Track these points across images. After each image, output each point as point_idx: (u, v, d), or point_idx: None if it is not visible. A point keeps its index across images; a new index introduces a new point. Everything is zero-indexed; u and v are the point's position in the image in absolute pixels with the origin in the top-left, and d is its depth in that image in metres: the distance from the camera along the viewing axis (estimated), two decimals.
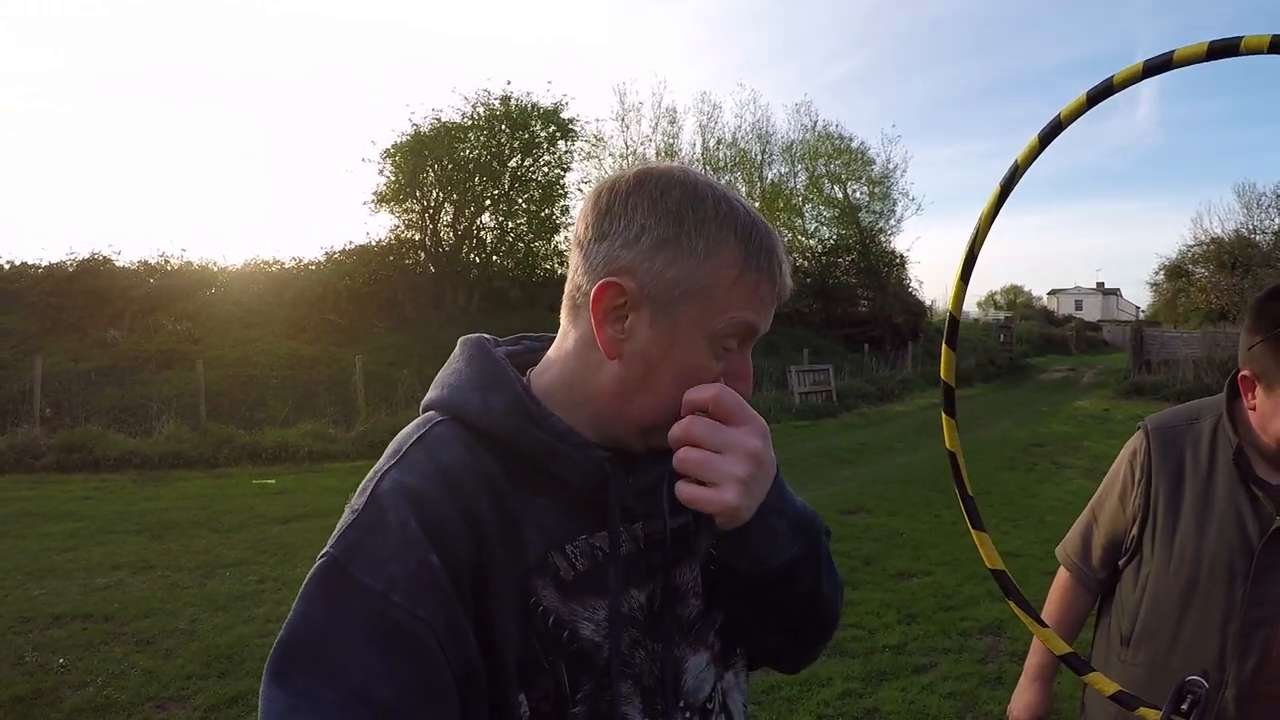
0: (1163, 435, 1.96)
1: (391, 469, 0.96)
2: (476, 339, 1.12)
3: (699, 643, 1.10)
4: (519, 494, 0.98)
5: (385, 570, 0.87)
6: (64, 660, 5.03)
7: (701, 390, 0.97)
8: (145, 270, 20.63)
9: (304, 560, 7.16)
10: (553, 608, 0.97)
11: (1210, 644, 1.80)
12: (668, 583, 1.08)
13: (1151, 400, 22.57)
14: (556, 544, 0.99)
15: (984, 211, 1.47)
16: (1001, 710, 4.55)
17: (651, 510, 1.08)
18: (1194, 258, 34.33)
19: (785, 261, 1.04)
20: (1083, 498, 2.21)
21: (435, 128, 24.76)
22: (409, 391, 15.82)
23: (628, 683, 1.01)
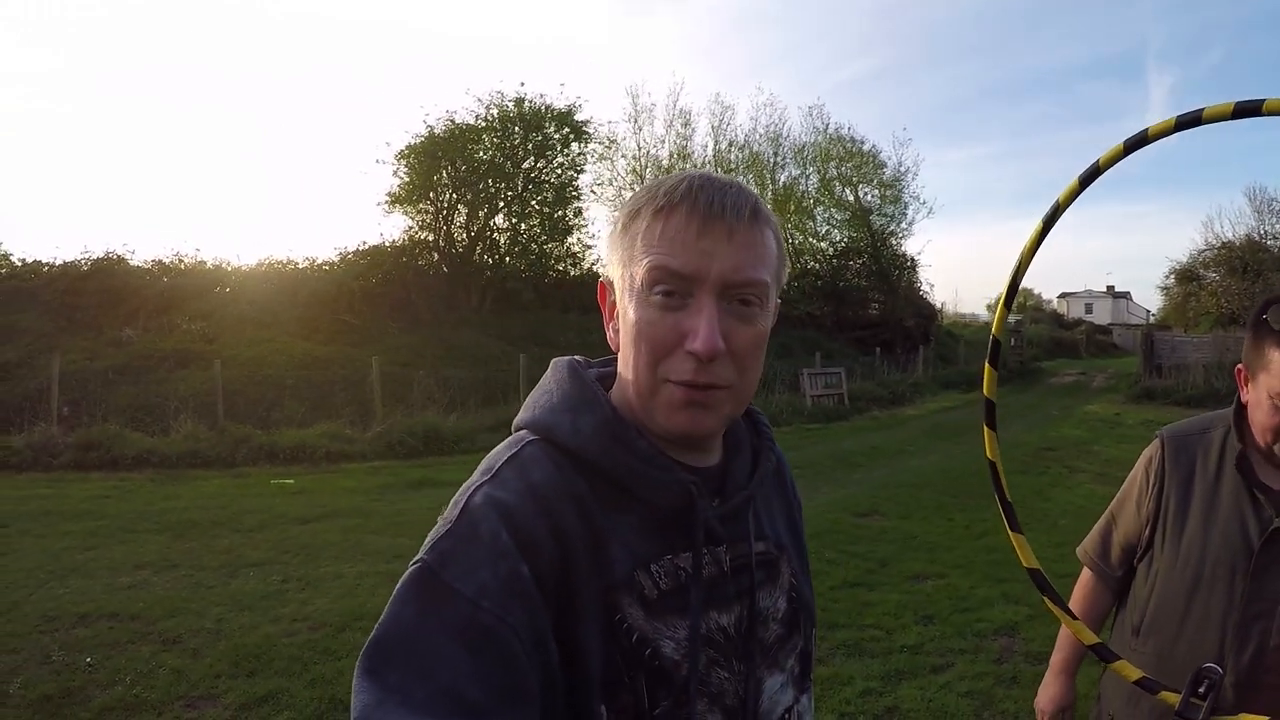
0: (1176, 443, 2.11)
1: (484, 484, 1.00)
2: (568, 361, 1.16)
3: (775, 665, 1.15)
4: (606, 513, 1.01)
5: (476, 577, 0.91)
6: (91, 659, 5.06)
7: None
8: (159, 269, 20.70)
9: (327, 560, 7.25)
10: (637, 625, 1.00)
11: (1212, 636, 1.93)
12: (753, 606, 1.11)
13: (1162, 405, 22.53)
14: (642, 563, 1.02)
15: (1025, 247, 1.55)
16: (1017, 708, 4.64)
17: (737, 535, 1.12)
18: (1205, 262, 34.21)
19: (714, 191, 1.01)
20: (1095, 501, 2.31)
21: (449, 129, 24.88)
22: (425, 392, 15.88)
23: (704, 701, 1.04)
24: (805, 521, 1.36)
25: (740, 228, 1.01)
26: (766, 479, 1.20)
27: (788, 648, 1.17)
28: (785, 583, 1.19)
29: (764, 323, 1.05)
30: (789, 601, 1.18)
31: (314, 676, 4.87)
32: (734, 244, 1.00)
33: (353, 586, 6.54)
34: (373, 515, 9.23)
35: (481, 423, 15.26)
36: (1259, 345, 1.90)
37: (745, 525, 1.13)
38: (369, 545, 7.87)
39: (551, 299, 25.46)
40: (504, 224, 26.31)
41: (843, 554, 7.75)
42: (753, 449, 1.21)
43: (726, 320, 1.00)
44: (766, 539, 1.18)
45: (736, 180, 1.06)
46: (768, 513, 1.22)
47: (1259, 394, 1.91)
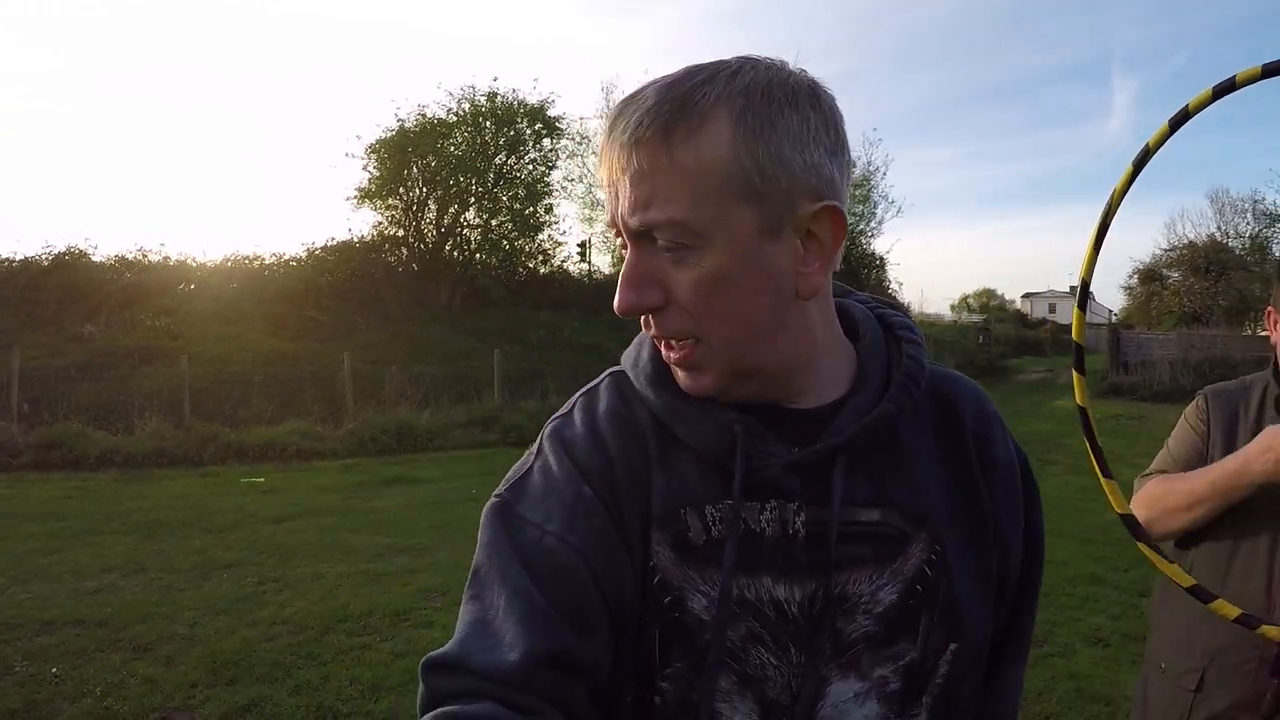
0: (1219, 396, 2.22)
1: (558, 419, 1.02)
2: None
3: (853, 669, 0.90)
4: (666, 447, 0.95)
5: (543, 506, 0.92)
6: (58, 669, 4.78)
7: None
8: (122, 265, 20.28)
9: (304, 561, 7.04)
10: (662, 567, 0.90)
11: (1259, 575, 1.99)
12: (828, 586, 0.90)
13: (1130, 400, 22.85)
14: (695, 502, 0.92)
15: (1117, 188, 1.61)
16: (1025, 690, 4.56)
17: (820, 494, 0.91)
18: (1167, 262, 34.75)
19: (624, 107, 0.86)
20: (1070, 491, 2.26)
21: (420, 123, 24.62)
22: (397, 389, 15.68)
23: (733, 679, 0.88)
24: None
25: (635, 152, 0.83)
26: (907, 425, 0.97)
27: (883, 654, 0.91)
28: (910, 569, 0.92)
29: (712, 261, 0.84)
30: (906, 595, 0.92)
31: (298, 683, 4.65)
32: (630, 177, 0.84)
33: (333, 587, 6.32)
34: (349, 513, 9.02)
35: (455, 419, 15.05)
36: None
37: (831, 482, 0.90)
38: (347, 544, 7.66)
39: (522, 296, 25.28)
40: (475, 220, 26.07)
41: None
42: (888, 383, 0.98)
43: (657, 265, 0.86)
44: (891, 506, 0.93)
45: (692, 67, 0.87)
46: (907, 471, 0.96)
47: None
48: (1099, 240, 1.63)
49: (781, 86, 0.86)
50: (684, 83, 0.84)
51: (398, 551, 7.48)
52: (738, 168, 0.83)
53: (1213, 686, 2.04)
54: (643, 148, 0.82)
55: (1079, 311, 1.68)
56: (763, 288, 0.87)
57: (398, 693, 4.57)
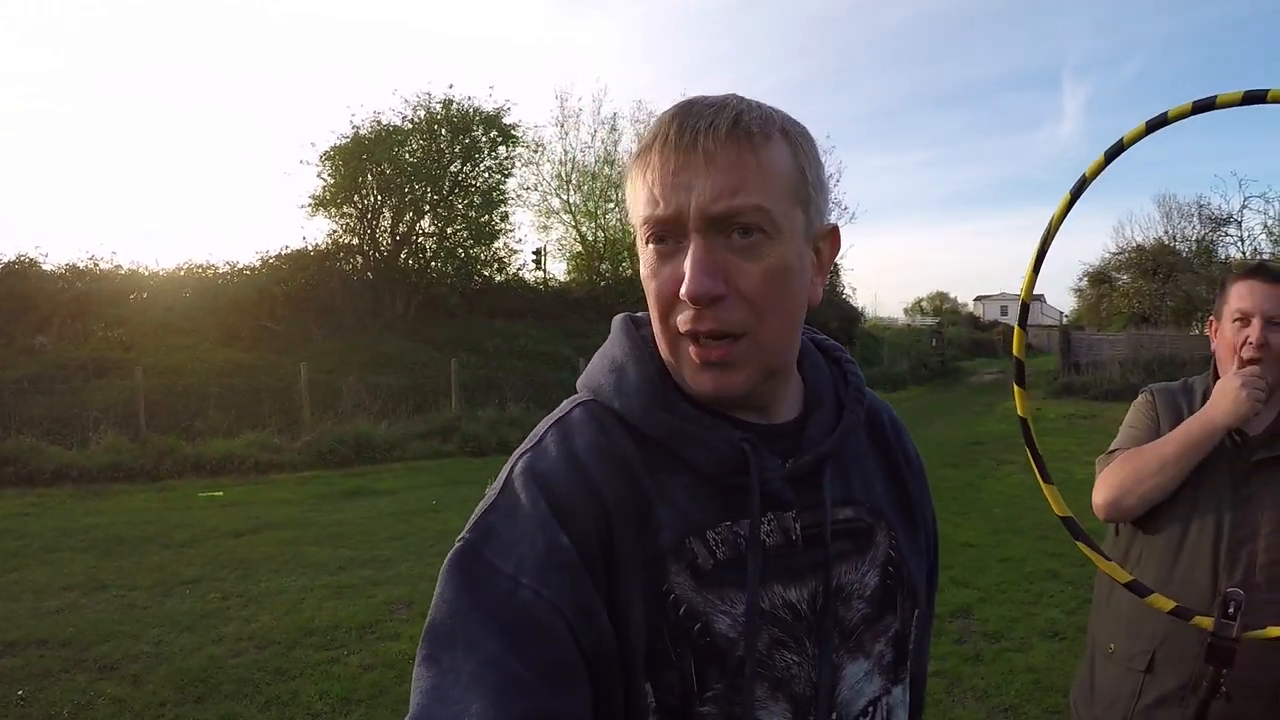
0: (1164, 395, 2.41)
1: (527, 453, 0.97)
2: (623, 318, 1.09)
3: (859, 650, 1.02)
4: (657, 475, 0.96)
5: (516, 552, 0.89)
6: (23, 692, 4.74)
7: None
8: (74, 274, 19.84)
9: (267, 575, 7.02)
10: (686, 597, 0.92)
11: (1204, 562, 2.17)
12: (828, 581, 1.00)
13: (1081, 399, 23.32)
14: (697, 529, 0.94)
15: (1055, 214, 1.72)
16: (985, 684, 4.85)
17: (811, 500, 1.00)
18: (1117, 265, 35.37)
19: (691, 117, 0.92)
20: (1024, 491, 2.42)
21: (375, 130, 24.40)
22: (354, 399, 15.59)
23: (765, 685, 0.94)
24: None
25: (719, 149, 0.90)
26: (854, 435, 1.08)
27: (877, 630, 1.04)
28: (880, 555, 1.06)
29: (779, 253, 0.92)
30: (883, 577, 1.05)
31: (267, 699, 4.67)
32: (713, 169, 0.89)
33: (297, 601, 6.32)
34: (309, 526, 8.98)
35: (413, 430, 14.99)
36: (1222, 289, 2.31)
37: (821, 489, 1.01)
38: (309, 557, 7.65)
39: (478, 304, 25.17)
40: (430, 228, 25.93)
41: None
42: (838, 400, 1.10)
43: (725, 257, 0.90)
44: (857, 504, 1.06)
45: (734, 95, 0.96)
46: (861, 474, 1.09)
47: (1224, 325, 2.27)
48: (1038, 264, 1.74)
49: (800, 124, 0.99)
50: (732, 105, 0.93)
51: (361, 564, 7.47)
52: (800, 177, 0.95)
53: (1162, 668, 2.18)
54: (730, 144, 0.90)
55: (1019, 330, 1.79)
56: (803, 288, 0.98)
57: (367, 705, 4.60)
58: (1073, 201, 1.69)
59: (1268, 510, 2.15)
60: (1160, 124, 1.61)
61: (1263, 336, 2.18)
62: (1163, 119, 1.60)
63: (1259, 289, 2.21)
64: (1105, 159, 1.66)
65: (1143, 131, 1.63)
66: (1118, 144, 1.65)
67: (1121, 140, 1.64)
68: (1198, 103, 1.55)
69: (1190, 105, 1.56)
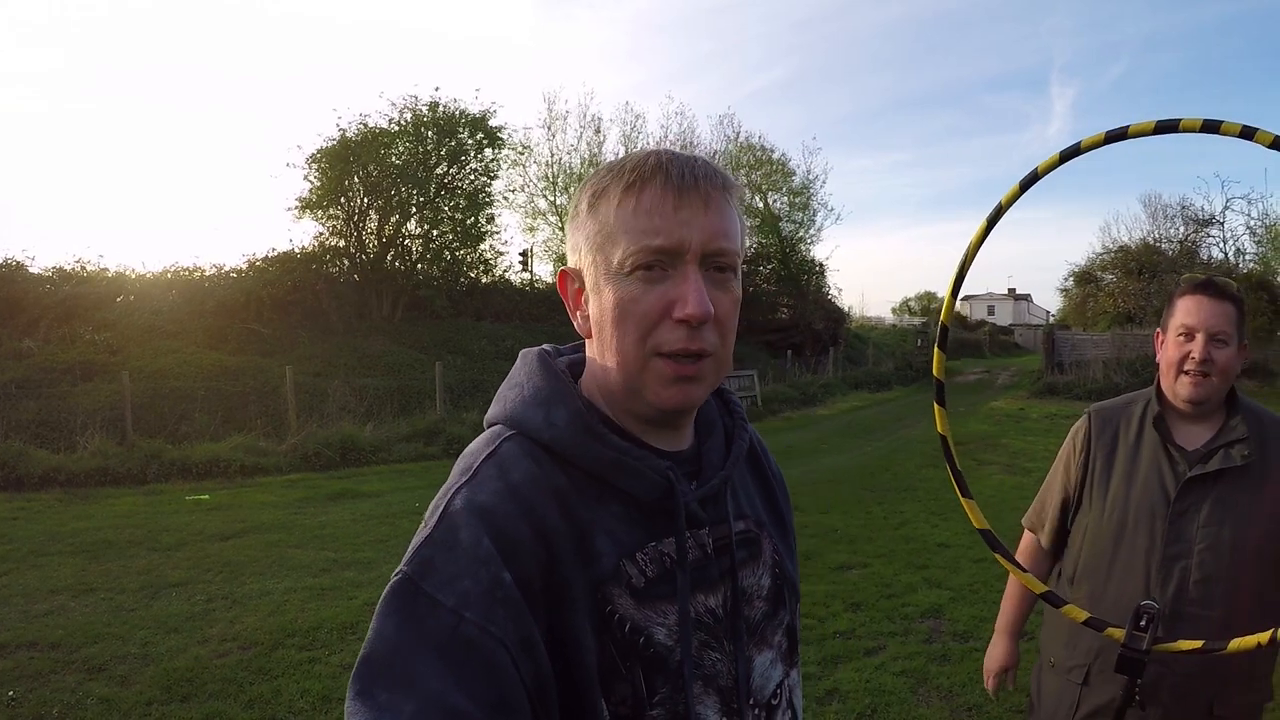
0: (1102, 415, 2.46)
1: (463, 487, 0.99)
2: (538, 353, 1.15)
3: (764, 642, 1.16)
4: (589, 505, 1.02)
5: (458, 586, 0.91)
6: (14, 693, 4.84)
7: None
8: (60, 277, 19.77)
9: (251, 577, 7.12)
10: (628, 615, 1.01)
11: (1137, 576, 2.24)
12: (735, 586, 1.12)
13: (1064, 399, 23.44)
14: (627, 552, 1.02)
15: (971, 242, 1.81)
16: (951, 683, 4.91)
17: (717, 516, 1.13)
18: (1102, 264, 35.55)
19: (683, 163, 1.04)
20: (1004, 491, 2.54)
21: (362, 133, 24.45)
22: (340, 402, 15.63)
23: (699, 684, 1.05)
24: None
25: (715, 196, 1.03)
26: (741, 458, 1.21)
27: (774, 624, 1.19)
28: (768, 559, 1.20)
29: (738, 289, 1.07)
30: (773, 578, 1.20)
31: (250, 698, 4.78)
32: (710, 213, 1.02)
33: (281, 603, 6.43)
34: (294, 529, 9.07)
35: (398, 432, 15.08)
36: (1170, 303, 2.32)
37: (724, 506, 1.15)
38: (293, 560, 7.74)
39: (464, 306, 25.24)
40: (416, 230, 25.99)
41: None
42: (725, 429, 1.23)
43: (707, 288, 1.02)
44: (746, 518, 1.20)
45: (694, 157, 1.09)
46: (745, 491, 1.24)
47: (1169, 338, 2.30)
48: (956, 288, 1.84)
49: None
50: (704, 159, 1.08)
51: (344, 565, 7.58)
52: (744, 231, 1.11)
53: (1096, 680, 2.28)
54: (716, 194, 1.04)
55: (939, 351, 1.87)
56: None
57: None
58: (989, 228, 1.79)
59: (1202, 526, 2.19)
60: (1073, 154, 1.71)
61: (1206, 352, 2.21)
62: (1075, 149, 1.70)
63: (1205, 305, 2.23)
64: (1020, 188, 1.75)
65: (1056, 161, 1.72)
66: (1032, 173, 1.74)
67: (1036, 170, 1.74)
68: (1110, 133, 1.65)
69: (1103, 135, 1.66)
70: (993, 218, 1.78)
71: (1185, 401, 2.26)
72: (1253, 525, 2.18)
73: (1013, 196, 1.75)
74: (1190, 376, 2.24)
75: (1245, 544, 2.17)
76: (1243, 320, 2.28)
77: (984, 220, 1.78)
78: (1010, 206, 1.77)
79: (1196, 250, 33.41)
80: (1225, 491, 2.20)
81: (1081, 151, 1.69)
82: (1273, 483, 2.21)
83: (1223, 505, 2.20)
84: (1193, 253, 33.46)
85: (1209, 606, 2.15)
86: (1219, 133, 1.54)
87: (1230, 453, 2.22)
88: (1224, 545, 2.17)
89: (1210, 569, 2.16)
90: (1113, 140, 1.65)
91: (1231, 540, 2.17)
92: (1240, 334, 2.26)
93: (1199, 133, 1.57)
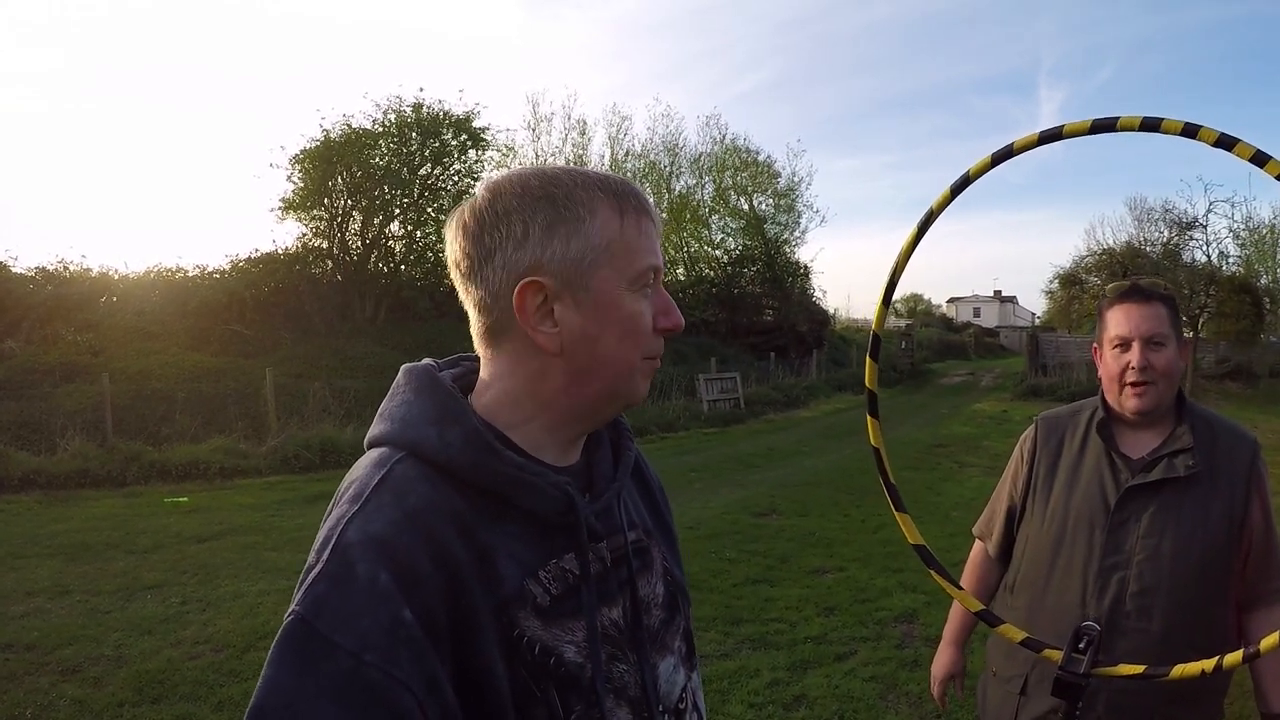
0: (1048, 424, 2.43)
1: (355, 516, 0.94)
2: (424, 368, 1.12)
3: (665, 649, 1.18)
4: (488, 526, 0.99)
5: (356, 627, 0.86)
6: None
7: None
8: (44, 277, 19.69)
9: (226, 580, 7.13)
10: (537, 636, 0.99)
11: (1074, 586, 2.19)
12: (635, 596, 1.14)
13: (1048, 401, 23.50)
14: (530, 571, 1.01)
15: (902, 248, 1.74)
16: (920, 689, 4.87)
17: (612, 528, 1.14)
18: (1087, 267, 35.66)
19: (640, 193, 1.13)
20: (985, 493, 2.57)
21: (346, 134, 24.35)
22: (320, 404, 15.58)
23: (611, 697, 1.05)
24: (704, 522, 1.43)
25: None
26: (629, 469, 1.23)
27: (672, 630, 1.21)
28: (659, 567, 1.23)
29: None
30: (666, 585, 1.22)
31: (220, 699, 4.80)
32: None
33: (254, 605, 6.43)
34: (271, 531, 9.06)
35: None
36: (1101, 315, 2.27)
37: (617, 518, 1.16)
38: (268, 562, 7.74)
39: (447, 308, 25.11)
40: (399, 232, 25.95)
41: (743, 552, 7.96)
42: (611, 443, 1.24)
43: None
44: (636, 527, 1.21)
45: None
46: (632, 501, 1.26)
47: (1105, 352, 2.24)
48: (887, 298, 1.81)
49: None
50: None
51: None
52: None
53: (1034, 691, 2.24)
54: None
55: (871, 361, 1.84)
56: None
57: None
58: (920, 235, 1.73)
59: (1142, 537, 2.13)
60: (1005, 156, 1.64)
61: (1144, 359, 2.14)
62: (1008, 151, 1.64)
63: (1134, 312, 2.17)
64: (951, 192, 1.68)
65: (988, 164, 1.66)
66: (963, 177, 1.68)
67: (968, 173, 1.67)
68: (1043, 133, 1.61)
69: (1037, 136, 1.61)
70: (923, 224, 1.72)
71: (1133, 414, 2.21)
72: (1195, 537, 2.12)
73: (944, 201, 1.69)
74: (1133, 388, 2.18)
75: (1187, 556, 2.11)
76: (1177, 318, 2.23)
77: (914, 228, 1.73)
78: (941, 212, 1.71)
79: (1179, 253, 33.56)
80: (1167, 501, 2.15)
81: (1015, 153, 1.63)
82: (1219, 493, 2.15)
83: (1164, 515, 2.14)
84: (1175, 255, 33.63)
85: (1147, 619, 2.10)
86: (1159, 131, 1.50)
87: (1174, 462, 2.16)
88: (1164, 557, 2.11)
89: (1149, 581, 2.11)
90: (1046, 141, 1.61)
91: (1172, 552, 2.11)
92: (1177, 332, 2.21)
93: (1139, 131, 1.52)
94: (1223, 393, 25.61)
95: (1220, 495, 2.15)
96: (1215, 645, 2.02)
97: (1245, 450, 2.21)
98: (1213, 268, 30.31)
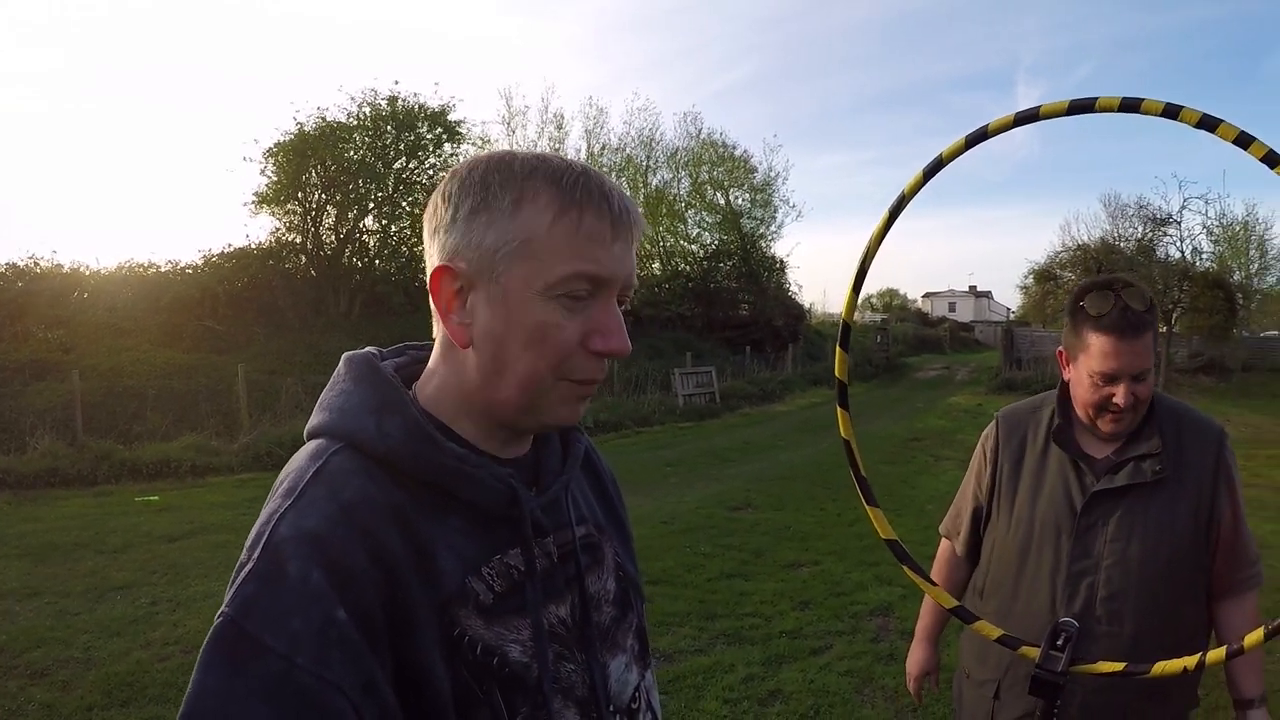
0: (1009, 422, 2.36)
1: (287, 511, 0.90)
2: (364, 356, 1.07)
3: (616, 647, 1.13)
4: (429, 521, 0.95)
5: (287, 627, 0.82)
6: None
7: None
8: (13, 273, 19.34)
9: (197, 579, 7.05)
10: (479, 635, 0.95)
11: (1043, 591, 2.14)
12: (584, 593, 1.09)
13: (1022, 395, 23.44)
14: (473, 568, 0.97)
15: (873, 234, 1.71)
16: (896, 683, 4.87)
17: (559, 522, 1.10)
18: (1062, 263, 35.89)
19: (617, 193, 1.00)
20: (959, 487, 2.52)
21: (320, 127, 24.15)
22: (293, 400, 15.46)
23: (559, 697, 1.01)
24: (678, 517, 1.37)
25: (636, 233, 1.00)
26: (578, 462, 1.18)
27: (624, 627, 1.16)
28: (610, 563, 1.18)
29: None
30: (617, 581, 1.18)
31: None
32: (631, 249, 1.00)
33: None
34: (242, 530, 8.60)
35: None
36: (1078, 330, 2.12)
37: (565, 512, 1.11)
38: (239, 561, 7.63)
39: (422, 303, 24.83)
40: (374, 226, 25.76)
41: (718, 547, 7.96)
42: (559, 435, 1.19)
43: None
44: (586, 522, 1.16)
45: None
46: (582, 495, 1.21)
47: (1080, 373, 2.13)
48: (858, 285, 1.76)
49: None
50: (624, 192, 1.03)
51: None
52: None
53: (1007, 695, 2.22)
54: (637, 231, 1.01)
55: (841, 351, 1.79)
56: None
57: None
58: (891, 220, 1.69)
59: (1110, 541, 2.10)
60: (980, 138, 1.60)
61: (1130, 398, 2.05)
62: (982, 133, 1.60)
63: (1123, 350, 2.03)
64: (924, 175, 1.65)
65: (962, 146, 1.62)
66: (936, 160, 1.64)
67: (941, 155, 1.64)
68: (1020, 114, 1.56)
69: (1012, 117, 1.57)
70: (895, 208, 1.67)
71: (1109, 435, 2.15)
72: (1163, 538, 2.08)
73: (916, 184, 1.65)
74: (1113, 414, 2.09)
75: (1155, 558, 2.07)
76: (1157, 335, 2.13)
77: (885, 213, 1.69)
78: (914, 195, 1.67)
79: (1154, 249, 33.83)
80: (1134, 505, 2.11)
81: (990, 135, 1.59)
82: (1187, 491, 2.11)
83: (1131, 518, 2.10)
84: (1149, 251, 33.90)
85: (1118, 623, 2.07)
86: (1139, 111, 1.45)
87: (1141, 467, 2.11)
88: (1132, 560, 2.08)
89: (1118, 584, 2.08)
90: (1022, 123, 1.56)
91: (1140, 555, 2.07)
92: (1155, 351, 2.11)
93: (1118, 112, 1.47)
94: (1196, 387, 25.87)
95: (1188, 494, 2.11)
96: (1187, 643, 2.02)
97: (1212, 442, 2.16)
98: (1186, 263, 30.53)
